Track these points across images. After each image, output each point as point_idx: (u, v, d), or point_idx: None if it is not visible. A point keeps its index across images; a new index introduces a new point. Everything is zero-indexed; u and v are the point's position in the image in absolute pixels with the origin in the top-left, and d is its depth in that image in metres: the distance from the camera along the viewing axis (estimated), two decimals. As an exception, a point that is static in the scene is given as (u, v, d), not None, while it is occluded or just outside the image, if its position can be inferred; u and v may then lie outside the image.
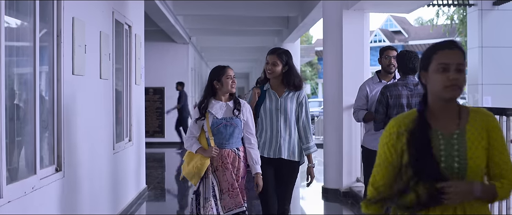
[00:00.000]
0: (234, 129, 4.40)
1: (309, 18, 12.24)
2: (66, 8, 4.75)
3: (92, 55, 5.62)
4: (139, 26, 8.41)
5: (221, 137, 4.40)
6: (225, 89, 4.45)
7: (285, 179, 4.72)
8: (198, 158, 4.39)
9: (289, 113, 4.66)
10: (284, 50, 4.77)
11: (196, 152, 4.41)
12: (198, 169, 4.35)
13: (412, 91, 4.91)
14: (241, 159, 4.46)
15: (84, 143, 5.35)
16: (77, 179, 5.13)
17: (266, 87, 4.76)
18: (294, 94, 4.70)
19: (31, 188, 3.94)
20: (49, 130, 4.56)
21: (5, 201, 3.48)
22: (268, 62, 4.69)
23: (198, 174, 4.37)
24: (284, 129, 4.65)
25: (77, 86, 5.09)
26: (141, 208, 7.81)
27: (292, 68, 4.70)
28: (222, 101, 4.47)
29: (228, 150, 4.43)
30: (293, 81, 4.68)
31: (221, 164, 4.40)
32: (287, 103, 4.66)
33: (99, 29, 5.94)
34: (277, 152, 4.66)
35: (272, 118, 4.66)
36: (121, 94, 7.35)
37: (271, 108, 4.66)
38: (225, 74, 4.46)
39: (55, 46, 4.62)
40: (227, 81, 4.45)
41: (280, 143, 4.65)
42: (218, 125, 4.39)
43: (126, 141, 7.48)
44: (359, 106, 5.60)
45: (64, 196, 4.71)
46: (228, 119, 4.41)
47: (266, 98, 4.70)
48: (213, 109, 4.43)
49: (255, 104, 4.73)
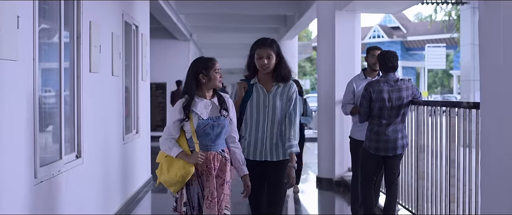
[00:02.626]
0: (221, 129, 3.92)
1: (305, 17, 12.83)
2: (85, 13, 5.34)
3: (105, 54, 6.21)
4: (145, 26, 9.00)
5: (206, 139, 3.89)
6: (212, 83, 3.92)
7: (273, 181, 4.33)
8: (181, 165, 3.84)
9: (278, 110, 4.27)
10: (273, 40, 4.37)
11: (177, 156, 3.85)
12: (183, 177, 3.84)
13: (392, 86, 5.50)
14: (227, 161, 4.00)
15: (98, 134, 5.95)
16: (94, 166, 5.73)
17: (253, 81, 4.35)
18: (284, 89, 4.30)
19: (57, 171, 4.54)
20: (70, 121, 5.15)
21: (38, 180, 4.08)
22: (261, 56, 4.25)
23: (181, 183, 3.87)
24: (271, 128, 4.26)
25: (93, 82, 5.68)
26: (147, 196, 8.40)
27: (282, 58, 4.33)
28: (206, 99, 3.95)
29: (214, 153, 3.93)
30: (282, 72, 4.29)
31: (206, 169, 3.90)
32: (276, 99, 4.27)
33: (111, 31, 6.53)
34: (263, 155, 4.29)
35: (258, 116, 4.26)
36: (129, 89, 7.95)
37: (258, 105, 4.27)
38: (213, 67, 3.92)
39: (75, 47, 5.21)
40: (215, 75, 3.92)
41: (266, 144, 4.27)
42: (204, 126, 3.87)
43: (134, 133, 8.08)
44: (347, 101, 6.20)
45: (83, 180, 5.32)
46: (215, 118, 3.91)
47: (253, 94, 4.30)
48: (197, 108, 3.89)
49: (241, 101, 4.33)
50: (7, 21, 3.51)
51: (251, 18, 16.07)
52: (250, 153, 4.29)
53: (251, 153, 4.29)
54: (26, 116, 3.93)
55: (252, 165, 4.21)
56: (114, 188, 6.69)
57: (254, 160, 4.27)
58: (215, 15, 15.73)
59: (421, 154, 5.73)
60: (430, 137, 5.52)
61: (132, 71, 8.11)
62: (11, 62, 3.63)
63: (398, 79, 5.53)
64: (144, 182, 8.69)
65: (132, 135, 7.93)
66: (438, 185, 5.30)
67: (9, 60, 3.59)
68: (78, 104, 5.24)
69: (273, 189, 4.32)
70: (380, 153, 5.53)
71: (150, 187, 8.95)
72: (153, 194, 8.66)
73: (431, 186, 5.46)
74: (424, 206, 5.64)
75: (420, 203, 5.73)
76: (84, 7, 5.31)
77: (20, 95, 3.85)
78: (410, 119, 5.97)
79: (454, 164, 4.92)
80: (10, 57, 3.60)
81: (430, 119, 5.52)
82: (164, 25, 14.29)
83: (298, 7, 13.55)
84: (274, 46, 4.27)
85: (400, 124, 5.53)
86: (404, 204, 6.20)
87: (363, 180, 5.74)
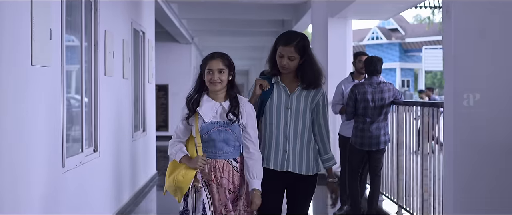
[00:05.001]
0: (229, 136, 3.54)
1: (301, 22, 13.49)
2: (101, 23, 6.00)
3: (117, 59, 6.87)
4: (150, 31, 9.68)
5: (212, 145, 3.54)
6: (207, 85, 3.55)
7: (297, 198, 3.80)
8: (182, 169, 3.54)
9: (302, 114, 3.71)
10: (301, 36, 3.71)
11: (181, 161, 3.57)
12: (179, 182, 3.50)
13: (375, 88, 6.16)
14: (239, 173, 3.61)
15: (112, 132, 6.61)
16: (107, 159, 6.39)
17: (274, 79, 3.77)
18: (310, 91, 3.74)
19: (79, 162, 5.20)
20: (88, 119, 5.81)
21: (65, 169, 4.75)
22: (282, 55, 3.66)
23: (179, 189, 3.52)
24: (294, 134, 3.69)
25: (107, 84, 6.34)
26: (153, 190, 9.06)
27: (310, 59, 3.69)
28: (215, 101, 3.58)
29: (223, 162, 3.56)
30: (308, 76, 3.68)
31: (214, 179, 3.55)
32: (300, 101, 3.71)
33: (122, 38, 7.20)
34: (285, 164, 3.70)
35: (279, 119, 3.70)
36: (137, 91, 8.62)
37: (279, 107, 3.70)
38: (205, 65, 3.55)
39: (92, 53, 5.87)
40: (207, 76, 3.52)
41: (288, 152, 3.69)
42: (209, 131, 3.52)
43: (141, 131, 8.75)
44: (336, 101, 6.87)
45: (99, 171, 5.99)
46: (222, 123, 3.53)
47: (274, 94, 3.73)
48: (202, 109, 3.55)
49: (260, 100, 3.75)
50: (42, 33, 4.17)
51: (250, 22, 16.71)
52: (270, 161, 3.69)
53: (271, 161, 3.69)
54: (56, 114, 4.59)
55: (270, 176, 3.63)
56: (125, 181, 7.35)
57: (274, 170, 3.69)
58: (216, 19, 16.39)
59: (401, 150, 6.39)
60: (408, 134, 6.18)
61: (139, 74, 8.78)
62: (45, 68, 4.29)
63: (380, 82, 6.20)
64: (150, 177, 9.37)
65: (140, 133, 8.60)
66: (414, 177, 5.96)
67: (43, 67, 4.25)
68: (95, 104, 5.89)
69: (295, 206, 3.80)
70: (364, 148, 6.19)
71: (155, 182, 9.61)
72: (159, 189, 9.32)
73: (409, 178, 6.12)
74: (404, 195, 6.31)
75: (400, 193, 6.39)
76: (100, 18, 5.97)
77: (52, 96, 4.51)
78: (392, 118, 6.63)
79: (427, 158, 5.59)
80: (44, 64, 4.25)
81: (408, 118, 6.18)
82: (167, 29, 14.95)
83: (295, 13, 14.21)
84: (299, 46, 3.64)
85: (382, 122, 6.20)
86: (387, 194, 6.88)
87: (350, 173, 6.40)
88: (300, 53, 3.64)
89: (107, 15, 6.26)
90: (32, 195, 4.08)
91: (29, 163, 4.02)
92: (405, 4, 9.04)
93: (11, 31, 3.70)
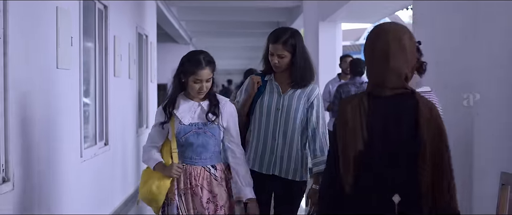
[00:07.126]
0: (208, 139, 3.28)
1: (295, 24, 14.10)
2: (110, 29, 6.65)
3: (124, 61, 7.52)
4: (152, 34, 10.34)
5: (190, 150, 3.28)
6: (190, 90, 3.30)
7: (282, 203, 3.61)
8: (156, 178, 3.28)
9: (293, 115, 3.51)
10: (291, 33, 3.52)
11: (155, 168, 3.30)
12: (154, 195, 3.27)
13: (358, 88, 6.83)
14: (218, 181, 3.32)
15: (119, 127, 7.26)
16: (116, 152, 7.04)
17: (268, 77, 3.62)
18: (303, 91, 3.54)
19: (94, 154, 5.86)
20: (99, 115, 6.46)
21: (83, 159, 5.40)
22: (272, 53, 3.50)
23: (154, 202, 3.30)
24: (283, 137, 3.50)
25: (116, 85, 6.99)
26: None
27: (300, 56, 3.50)
28: (193, 101, 3.33)
29: (199, 168, 3.30)
30: (300, 75, 3.51)
31: (189, 187, 3.28)
32: (292, 101, 3.52)
33: (128, 41, 7.85)
34: (271, 167, 3.53)
35: (269, 119, 3.52)
36: (141, 90, 9.28)
37: (269, 107, 3.53)
38: (193, 74, 3.23)
39: (103, 57, 6.52)
40: (193, 85, 3.25)
41: (276, 154, 3.51)
42: (186, 133, 3.26)
43: (144, 127, 9.40)
44: (324, 99, 7.55)
45: (110, 162, 6.66)
46: (200, 125, 3.28)
47: (266, 92, 3.57)
48: (179, 111, 3.29)
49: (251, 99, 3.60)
50: (65, 40, 4.82)
51: (246, 24, 17.31)
52: (255, 163, 3.53)
53: (257, 163, 3.53)
54: (75, 111, 5.24)
55: (255, 178, 3.43)
56: (131, 172, 8.01)
57: (259, 173, 3.52)
58: (213, 21, 17.02)
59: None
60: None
61: (143, 74, 9.44)
62: (66, 70, 4.94)
63: (363, 82, 6.87)
64: (152, 171, 10.04)
65: (143, 129, 9.25)
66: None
67: (65, 70, 4.90)
68: (106, 102, 6.54)
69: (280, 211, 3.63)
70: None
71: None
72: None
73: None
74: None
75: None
76: (110, 25, 6.62)
77: (72, 95, 5.16)
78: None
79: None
80: (66, 67, 4.90)
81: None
82: (166, 31, 15.58)
83: (289, 15, 14.85)
84: (288, 44, 3.46)
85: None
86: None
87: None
88: (290, 51, 3.47)
89: (115, 21, 6.91)
90: (59, 180, 4.72)
91: (55, 153, 4.66)
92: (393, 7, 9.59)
93: (40, 39, 4.34)
